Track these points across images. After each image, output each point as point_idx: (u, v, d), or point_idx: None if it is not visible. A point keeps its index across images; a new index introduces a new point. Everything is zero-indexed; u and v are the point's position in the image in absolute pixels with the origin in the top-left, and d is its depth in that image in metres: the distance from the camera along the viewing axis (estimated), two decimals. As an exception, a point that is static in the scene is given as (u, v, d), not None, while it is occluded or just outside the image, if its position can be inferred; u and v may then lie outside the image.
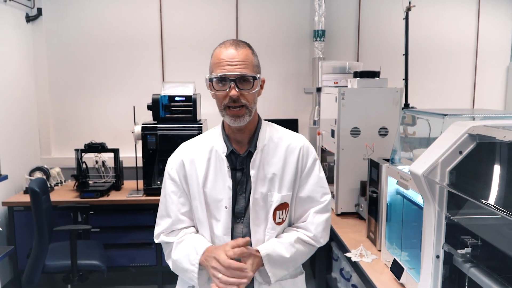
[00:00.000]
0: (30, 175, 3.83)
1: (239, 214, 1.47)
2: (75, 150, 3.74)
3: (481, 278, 1.35)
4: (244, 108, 1.39)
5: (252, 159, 1.46)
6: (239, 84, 1.37)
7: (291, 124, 4.12)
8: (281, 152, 1.49)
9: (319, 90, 3.62)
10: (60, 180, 4.02)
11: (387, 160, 2.33)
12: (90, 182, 3.84)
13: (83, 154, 3.76)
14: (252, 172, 1.45)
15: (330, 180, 3.29)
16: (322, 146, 3.47)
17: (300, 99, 4.42)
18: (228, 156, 1.47)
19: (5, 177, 3.07)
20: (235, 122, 1.40)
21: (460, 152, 1.43)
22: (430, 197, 1.48)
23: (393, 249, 2.20)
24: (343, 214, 3.05)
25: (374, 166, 2.47)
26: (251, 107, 1.41)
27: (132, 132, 3.57)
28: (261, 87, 1.47)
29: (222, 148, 1.47)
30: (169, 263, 1.52)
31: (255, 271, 1.40)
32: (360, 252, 2.34)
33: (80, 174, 3.69)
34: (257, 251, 1.41)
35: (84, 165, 3.78)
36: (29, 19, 4.10)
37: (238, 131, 1.46)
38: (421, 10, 4.35)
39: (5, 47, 3.66)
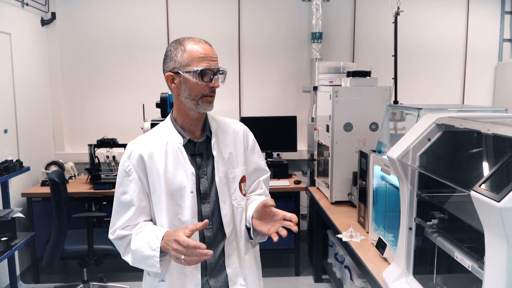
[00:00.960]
0: (46, 168, 4.09)
1: (205, 195, 1.57)
2: (89, 145, 4.00)
3: (445, 245, 1.60)
4: (214, 98, 1.55)
5: (212, 142, 1.60)
6: (222, 76, 1.55)
7: (290, 121, 4.38)
8: (230, 134, 1.66)
9: (315, 88, 3.87)
10: (74, 174, 4.28)
11: (375, 151, 2.58)
12: (102, 175, 4.10)
13: (95, 149, 4.02)
14: (214, 153, 1.59)
15: (325, 172, 3.56)
16: (318, 140, 3.73)
17: (298, 98, 4.68)
18: (185, 146, 1.57)
19: (28, 169, 3.33)
20: (208, 107, 1.53)
21: (429, 139, 1.69)
22: (404, 177, 1.73)
23: (380, 231, 2.46)
24: (337, 203, 3.31)
25: (363, 157, 2.73)
26: (214, 97, 1.57)
27: (142, 128, 3.83)
28: None
29: (178, 139, 1.56)
30: (127, 257, 1.55)
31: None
32: (350, 233, 2.60)
33: (93, 168, 3.95)
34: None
35: (96, 160, 4.04)
36: (44, 22, 4.37)
37: (196, 120, 1.58)
38: (414, 13, 4.63)
39: (22, 49, 3.93)
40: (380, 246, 2.30)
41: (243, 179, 1.65)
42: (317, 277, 3.84)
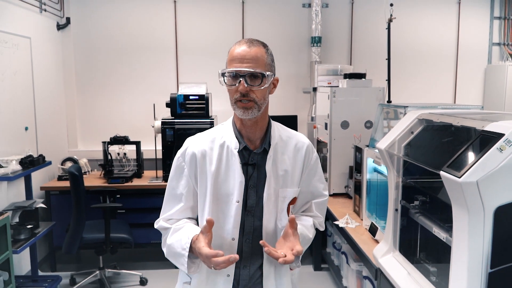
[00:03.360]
0: (62, 164, 4.36)
1: (250, 208, 1.50)
2: (102, 142, 4.27)
3: (426, 222, 1.87)
4: (253, 103, 1.43)
5: (268, 156, 1.50)
6: (249, 80, 1.42)
7: (291, 120, 4.64)
8: (290, 150, 1.56)
9: (315, 89, 4.14)
10: (87, 170, 4.54)
11: (368, 146, 2.85)
12: (115, 170, 4.37)
13: (109, 146, 4.29)
14: (267, 168, 1.50)
15: (324, 167, 3.83)
16: (317, 138, 3.99)
17: (299, 98, 4.95)
18: (240, 152, 1.50)
19: (49, 163, 3.60)
20: (243, 114, 1.44)
21: (412, 132, 1.96)
22: (391, 165, 2.00)
23: (373, 218, 2.72)
24: (335, 195, 3.58)
25: (358, 151, 3.00)
26: (260, 102, 1.45)
27: (153, 126, 4.10)
28: (274, 86, 1.55)
29: (234, 144, 1.50)
30: (164, 249, 1.55)
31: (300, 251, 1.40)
32: (346, 220, 2.87)
33: (107, 163, 4.22)
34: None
35: (109, 156, 4.31)
36: (59, 27, 4.64)
37: (251, 127, 1.50)
38: (408, 18, 4.91)
39: (41, 52, 4.19)
40: (372, 230, 2.56)
41: (293, 201, 1.56)
42: (316, 266, 4.10)
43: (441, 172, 1.44)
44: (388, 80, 3.73)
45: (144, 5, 4.77)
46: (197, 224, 1.56)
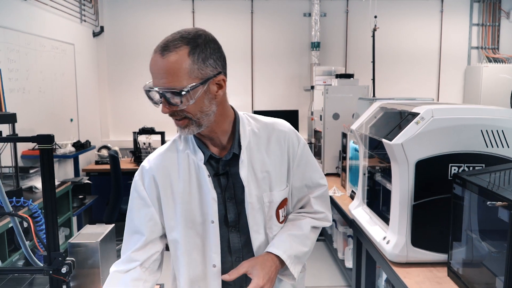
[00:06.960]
0: (98, 151, 5.14)
1: (233, 223, 1.30)
2: (133, 132, 5.04)
3: (383, 181, 2.59)
4: (187, 120, 1.18)
5: (240, 161, 1.27)
6: (170, 98, 1.15)
7: (293, 114, 5.39)
8: (267, 145, 1.33)
9: (313, 87, 4.87)
10: (120, 156, 5.31)
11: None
12: (143, 156, 5.13)
13: (138, 135, 5.06)
14: (243, 174, 1.27)
15: (320, 153, 4.56)
16: (315, 128, 4.73)
17: (300, 95, 5.69)
18: (206, 163, 1.28)
19: (94, 147, 4.38)
20: (182, 132, 1.21)
21: (375, 117, 2.68)
22: (360, 141, 2.73)
23: (354, 188, 3.45)
24: (327, 174, 4.30)
25: (344, 137, 3.73)
26: (196, 117, 1.18)
27: (175, 119, 4.86)
28: (220, 87, 1.22)
29: (198, 156, 1.27)
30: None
31: (273, 279, 1.24)
32: (334, 191, 3.60)
33: (137, 150, 4.99)
34: (273, 255, 1.27)
35: (138, 144, 5.08)
36: (94, 34, 5.42)
37: (209, 134, 1.27)
38: (396, 25, 5.62)
39: (80, 56, 4.98)
40: (352, 196, 3.29)
41: (282, 204, 1.35)
42: (313, 237, 4.83)
43: (382, 139, 2.17)
44: (373, 79, 4.44)
45: (167, 15, 5.54)
46: (174, 259, 1.35)
